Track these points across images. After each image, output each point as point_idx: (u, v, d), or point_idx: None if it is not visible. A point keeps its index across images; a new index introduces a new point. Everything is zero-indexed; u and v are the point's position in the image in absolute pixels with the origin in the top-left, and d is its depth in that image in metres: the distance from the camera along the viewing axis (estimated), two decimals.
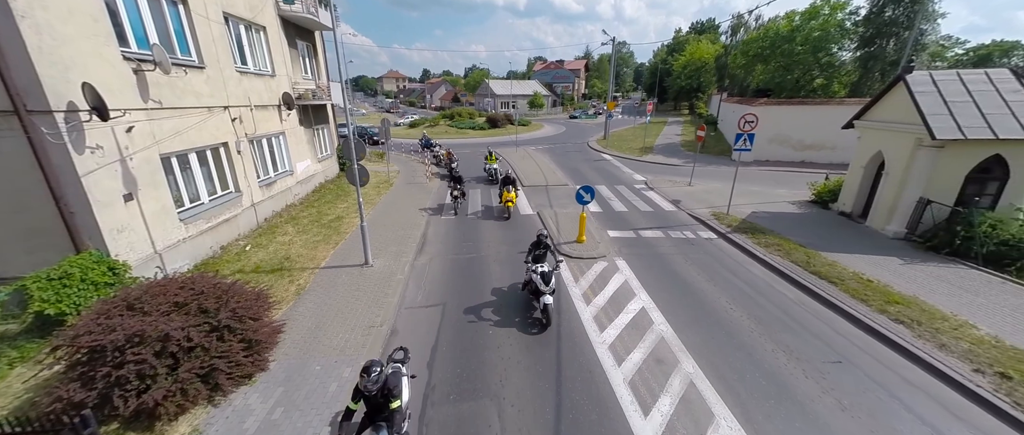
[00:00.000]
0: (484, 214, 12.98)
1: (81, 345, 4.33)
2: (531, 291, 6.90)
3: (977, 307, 6.93)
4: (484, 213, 13.12)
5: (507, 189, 12.58)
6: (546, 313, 6.46)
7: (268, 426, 4.65)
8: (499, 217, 12.57)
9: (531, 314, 6.96)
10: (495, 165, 17.73)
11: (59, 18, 6.24)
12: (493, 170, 17.49)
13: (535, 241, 7.34)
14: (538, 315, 6.73)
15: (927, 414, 4.85)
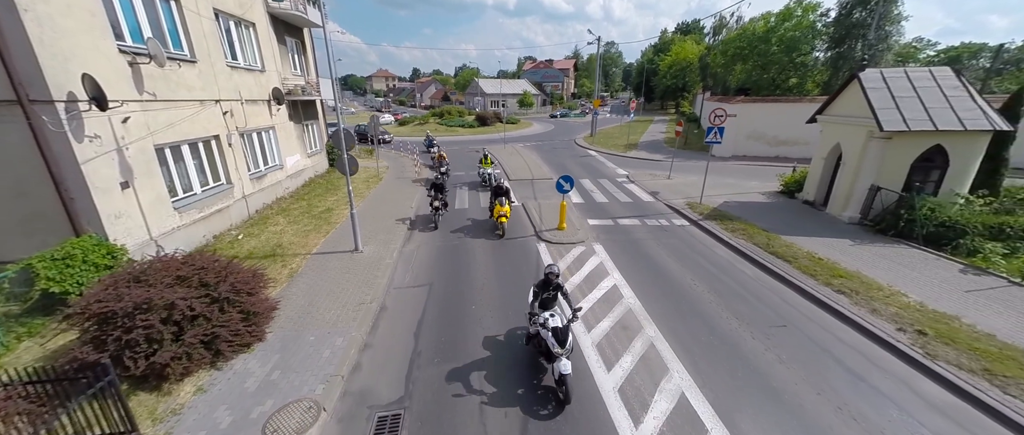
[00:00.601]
0: (472, 230, 11.14)
1: (94, 311, 4.73)
2: (539, 350, 5.31)
3: (911, 280, 7.72)
4: (472, 228, 11.24)
5: (499, 202, 10.67)
6: (564, 386, 4.64)
7: (267, 385, 5.11)
8: (490, 234, 10.73)
9: (539, 379, 5.28)
10: (490, 170, 15.92)
11: (59, 12, 6.57)
12: (487, 175, 15.79)
13: (543, 280, 5.44)
14: (551, 383, 5.08)
15: (853, 365, 5.55)
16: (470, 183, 16.80)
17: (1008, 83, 37.89)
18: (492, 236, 10.58)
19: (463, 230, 11.11)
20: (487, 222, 11.62)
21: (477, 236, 10.61)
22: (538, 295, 5.43)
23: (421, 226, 11.42)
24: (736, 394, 5.02)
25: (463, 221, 11.89)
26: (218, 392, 4.99)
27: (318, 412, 4.69)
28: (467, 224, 11.62)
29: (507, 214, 10.55)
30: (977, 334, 5.92)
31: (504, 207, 10.52)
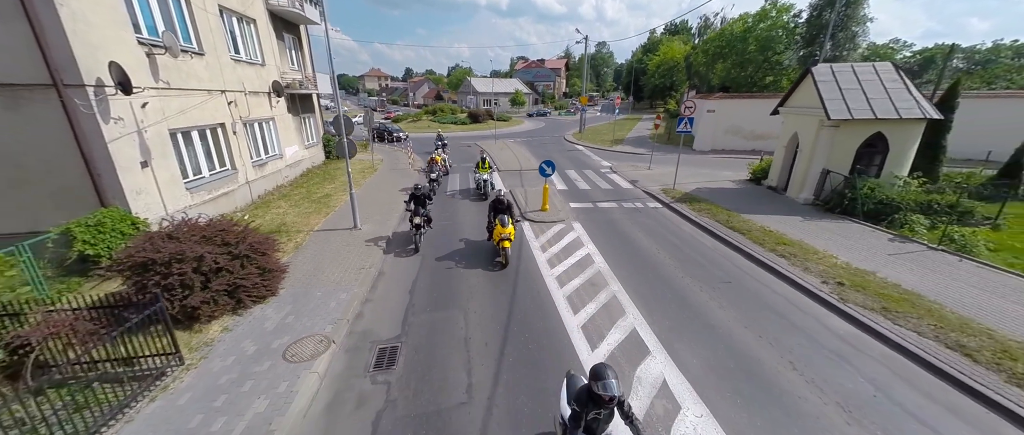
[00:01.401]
0: (464, 256, 8.66)
1: (136, 260, 5.57)
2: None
3: (845, 247, 8.83)
4: (465, 255, 8.76)
5: (500, 221, 8.20)
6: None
7: (283, 326, 5.99)
8: (487, 262, 8.34)
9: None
10: (487, 176, 13.65)
11: (88, 7, 7.35)
12: (483, 182, 13.53)
13: (585, 392, 3.35)
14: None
15: (779, 308, 6.60)
16: (463, 191, 14.65)
17: (973, 82, 39.81)
18: (490, 265, 8.19)
19: (453, 256, 8.73)
20: (484, 245, 9.15)
21: (471, 264, 8.23)
22: (581, 416, 3.07)
23: (398, 248, 9.26)
24: (678, 329, 6.02)
25: (453, 242, 9.56)
26: (242, 331, 5.86)
27: (328, 344, 5.58)
28: (459, 247, 9.27)
29: (511, 236, 8.07)
30: (886, 284, 7.02)
31: (507, 227, 8.06)
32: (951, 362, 5.04)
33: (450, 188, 15.02)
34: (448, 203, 13.01)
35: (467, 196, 13.88)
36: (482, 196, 13.42)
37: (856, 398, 4.65)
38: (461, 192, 14.48)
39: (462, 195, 14.04)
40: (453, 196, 13.94)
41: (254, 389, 4.72)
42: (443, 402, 4.63)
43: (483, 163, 14.12)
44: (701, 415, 4.41)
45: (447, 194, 14.13)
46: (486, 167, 14.00)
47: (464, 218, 11.46)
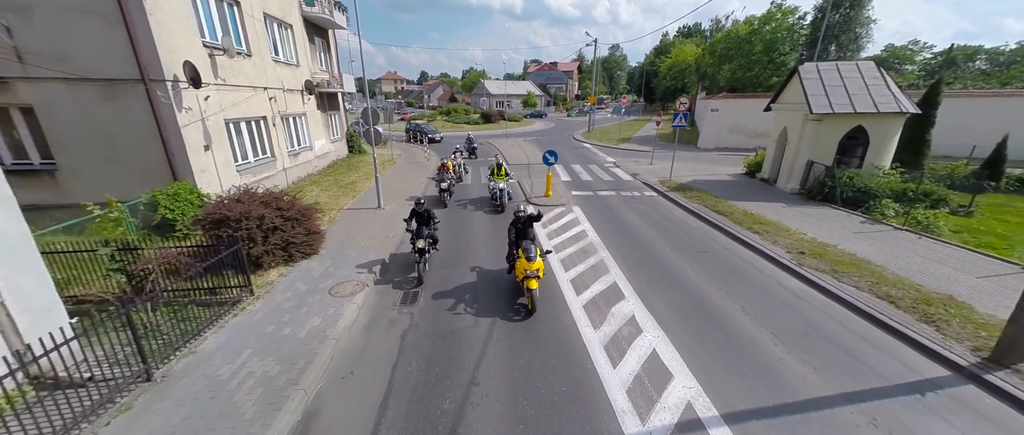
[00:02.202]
0: (477, 293, 6.83)
1: (214, 217, 7.02)
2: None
3: (818, 227, 9.75)
4: (478, 289, 6.96)
5: (524, 251, 6.15)
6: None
7: (326, 274, 7.35)
8: (506, 304, 6.44)
9: None
10: (503, 184, 11.74)
11: (169, 16, 8.94)
12: (499, 192, 11.57)
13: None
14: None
15: (744, 271, 7.63)
16: (478, 201, 12.82)
17: (990, 83, 39.19)
18: (509, 309, 6.22)
19: (461, 295, 6.70)
20: (502, 279, 7.17)
21: (486, 310, 6.23)
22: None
23: (396, 276, 7.50)
24: (652, 284, 7.14)
25: (464, 272, 7.58)
26: (294, 276, 7.25)
27: (363, 285, 6.91)
28: (470, 279, 7.31)
29: (539, 273, 6.02)
30: (842, 254, 7.98)
31: (533, 261, 5.98)
32: (877, 307, 6.03)
33: (462, 196, 13.43)
34: (459, 216, 11.30)
35: (482, 207, 12.19)
36: (498, 208, 11.72)
37: (789, 331, 5.70)
38: (475, 202, 12.78)
39: (475, 205, 12.40)
40: (465, 206, 12.29)
41: (309, 311, 6.06)
42: (455, 325, 5.88)
43: (499, 170, 12.20)
44: (658, 336, 5.54)
45: (457, 204, 12.52)
46: (503, 174, 12.12)
47: (477, 237, 9.55)
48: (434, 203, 11.97)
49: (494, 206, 11.94)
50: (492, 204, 12.09)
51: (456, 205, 12.37)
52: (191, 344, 5.25)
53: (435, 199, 12.62)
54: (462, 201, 12.87)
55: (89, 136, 8.97)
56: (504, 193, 11.75)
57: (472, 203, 12.67)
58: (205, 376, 4.68)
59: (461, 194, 13.82)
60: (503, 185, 11.81)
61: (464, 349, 5.31)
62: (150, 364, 4.60)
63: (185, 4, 9.43)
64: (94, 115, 8.84)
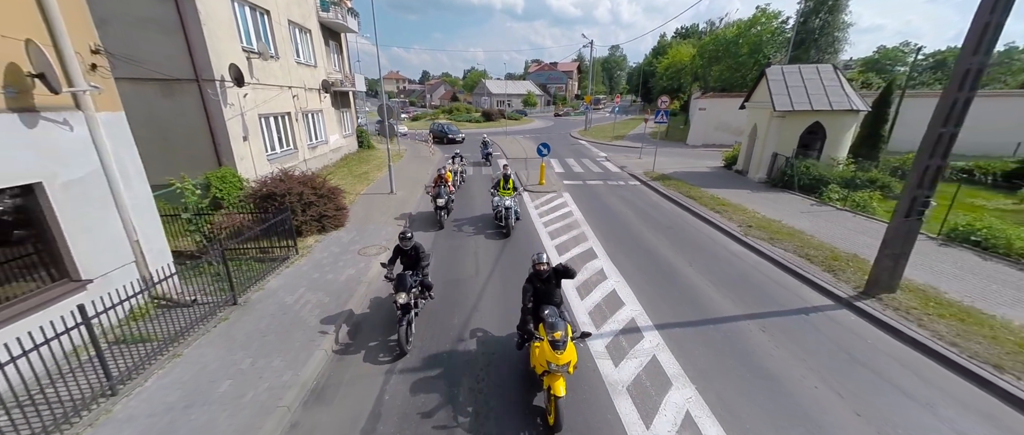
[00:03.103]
0: (474, 399, 4.46)
1: (263, 192, 8.61)
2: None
3: (772, 208, 11.28)
4: (475, 399, 4.47)
5: (549, 329, 3.99)
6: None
7: (353, 241, 8.93)
8: (520, 428, 4.09)
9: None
10: (510, 201, 9.54)
11: (217, 25, 10.52)
12: (505, 211, 9.43)
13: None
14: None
15: (699, 241, 9.17)
16: (478, 220, 10.63)
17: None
18: (519, 416, 4.22)
19: (451, 385, 4.65)
20: (511, 354, 5.11)
21: (486, 417, 4.22)
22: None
23: (377, 337, 5.62)
24: (620, 249, 8.68)
25: (458, 333, 5.67)
26: (327, 242, 8.83)
27: (383, 249, 8.48)
28: (467, 348, 5.33)
29: (570, 367, 3.97)
30: (783, 226, 9.53)
31: (562, 350, 3.87)
32: (794, 262, 7.59)
33: (462, 213, 11.32)
34: (456, 243, 9.02)
35: (484, 228, 10.00)
36: (503, 231, 9.43)
37: (724, 278, 7.25)
38: (476, 222, 10.47)
39: (476, 226, 10.15)
40: (462, 227, 10.13)
41: (344, 265, 7.64)
42: (460, 276, 7.44)
43: (506, 183, 9.82)
44: (618, 281, 7.10)
45: (455, 224, 10.38)
46: (510, 188, 9.78)
47: (478, 276, 7.39)
48: (429, 222, 10.37)
49: (498, 228, 9.71)
50: (496, 226, 9.86)
51: (453, 226, 10.25)
52: (258, 284, 6.83)
53: (429, 217, 10.62)
54: (460, 221, 10.67)
55: (148, 127, 10.48)
56: (511, 213, 9.45)
57: (472, 223, 10.54)
58: (275, 302, 6.26)
59: (461, 209, 11.73)
60: (509, 202, 9.47)
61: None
62: (235, 293, 6.18)
63: (229, 14, 11.02)
64: (154, 110, 10.42)
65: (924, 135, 5.69)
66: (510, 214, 9.50)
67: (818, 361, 4.98)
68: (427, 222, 10.49)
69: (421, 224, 10.41)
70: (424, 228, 10.09)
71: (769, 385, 4.59)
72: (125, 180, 5.49)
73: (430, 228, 10.07)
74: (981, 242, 7.99)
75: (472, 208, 11.99)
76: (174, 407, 4.12)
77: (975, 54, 5.25)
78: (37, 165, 4.51)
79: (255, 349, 5.09)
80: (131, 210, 5.54)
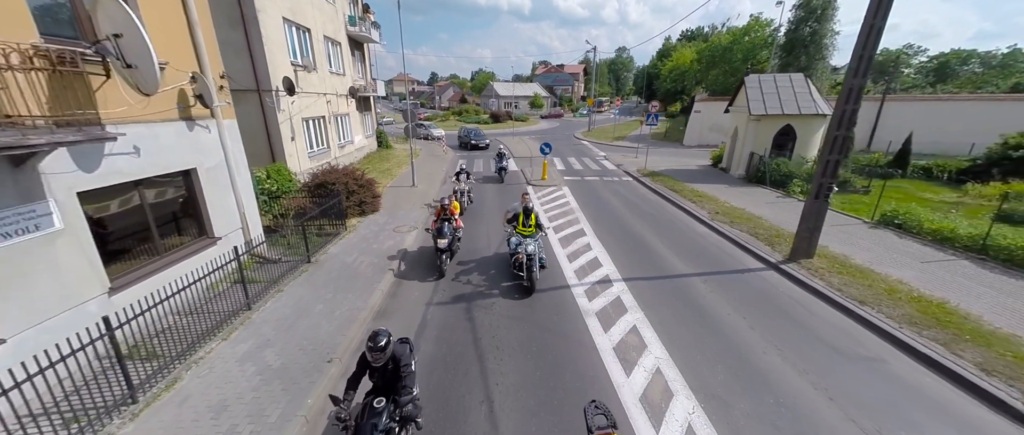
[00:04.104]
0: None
1: (317, 182, 10.70)
2: None
3: (742, 199, 13.07)
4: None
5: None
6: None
7: (387, 222, 10.97)
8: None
9: None
10: (533, 245, 7.14)
11: (274, 44, 12.67)
12: (527, 259, 6.97)
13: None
14: None
15: (674, 224, 11.04)
16: (490, 267, 8.23)
17: (961, 87, 41.42)
18: None
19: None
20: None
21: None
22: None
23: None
24: (608, 230, 10.58)
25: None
26: (367, 222, 10.89)
27: (413, 228, 10.51)
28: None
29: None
30: (745, 212, 11.34)
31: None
32: (743, 238, 9.42)
33: (468, 254, 8.87)
34: (458, 308, 6.67)
35: (497, 278, 7.63)
36: (525, 286, 7.00)
37: (684, 250, 9.12)
38: (485, 267, 8.20)
39: (487, 275, 7.82)
40: (468, 277, 7.74)
41: (384, 238, 9.68)
42: (478, 251, 9.39)
43: (527, 217, 7.55)
44: (600, 251, 9.02)
45: (459, 270, 8.04)
46: (531, 225, 7.52)
47: (492, 375, 5.06)
48: (426, 267, 8.05)
49: (516, 280, 7.26)
50: (514, 277, 7.34)
51: (458, 272, 7.92)
52: (322, 250, 8.89)
53: (427, 260, 8.37)
54: (466, 264, 8.26)
55: None
56: (534, 261, 6.93)
57: (482, 268, 8.12)
58: (338, 262, 8.31)
59: (469, 243, 9.30)
60: (533, 247, 7.02)
61: None
62: (310, 254, 8.24)
63: (282, 35, 13.19)
64: None
65: (826, 136, 7.51)
66: (533, 263, 6.84)
67: (740, 302, 6.85)
68: (424, 266, 8.14)
69: (417, 268, 8.04)
70: (420, 275, 7.82)
71: (698, 315, 6.47)
72: (237, 169, 7.58)
73: (428, 275, 7.75)
74: (901, 225, 9.74)
75: (482, 242, 9.57)
76: (289, 317, 6.16)
77: (855, 76, 7.05)
78: (192, 157, 6.60)
79: (333, 289, 7.13)
80: (240, 191, 7.63)
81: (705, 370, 5.14)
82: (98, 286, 5.04)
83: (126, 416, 4.20)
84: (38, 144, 3.87)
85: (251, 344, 5.48)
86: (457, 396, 4.71)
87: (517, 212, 7.77)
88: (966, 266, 7.85)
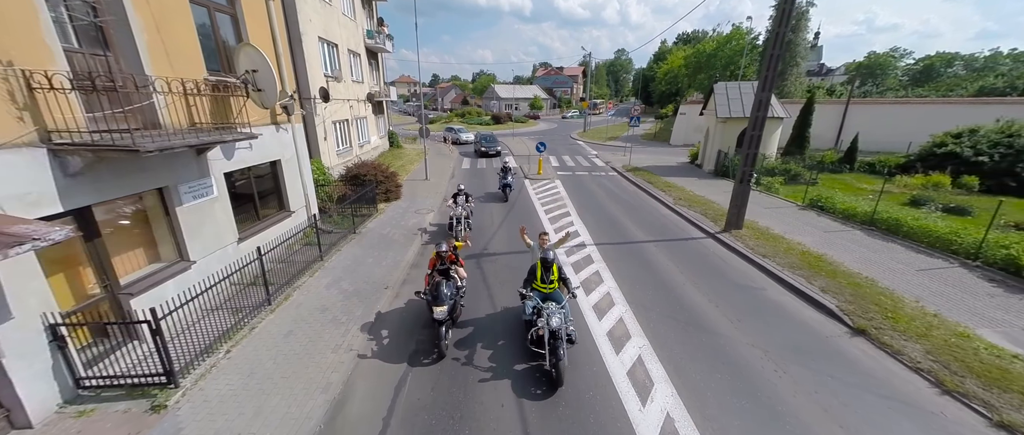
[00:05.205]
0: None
1: (351, 174, 13.19)
2: None
3: (705, 189, 15.49)
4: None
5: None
6: None
7: (409, 206, 13.43)
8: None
9: None
10: (558, 316, 5.09)
11: (313, 59, 15.17)
12: (549, 332, 5.02)
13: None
14: None
15: (644, 209, 13.47)
16: (500, 335, 6.28)
17: (929, 91, 43.65)
18: None
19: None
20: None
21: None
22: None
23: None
24: (589, 212, 13.01)
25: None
26: (392, 207, 13.36)
27: (431, 210, 12.97)
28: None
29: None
30: (703, 199, 13.77)
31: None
32: (695, 217, 11.85)
33: (472, 313, 6.81)
34: (442, 420, 4.68)
35: (506, 361, 5.64)
36: (550, 373, 5.06)
37: (646, 225, 11.55)
38: (494, 335, 6.27)
39: (497, 349, 5.92)
40: (470, 356, 5.76)
41: (409, 217, 12.14)
42: (486, 231, 11.83)
43: (547, 273, 5.64)
44: (581, 226, 11.46)
45: (459, 346, 5.98)
46: (552, 281, 5.65)
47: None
48: (422, 347, 5.91)
49: (533, 358, 5.46)
50: (532, 355, 5.46)
51: (459, 349, 5.91)
52: (362, 225, 11.35)
53: (425, 341, 6.05)
54: (464, 329, 6.43)
55: None
56: (561, 340, 5.05)
57: (485, 335, 6.26)
58: (376, 233, 10.77)
59: (469, 308, 6.91)
60: (558, 321, 5.09)
61: None
62: (355, 227, 10.70)
63: (317, 52, 15.70)
64: None
65: (745, 136, 9.94)
66: (559, 342, 5.02)
67: (678, 258, 9.26)
68: (414, 344, 6.02)
69: (395, 347, 5.91)
70: (394, 348, 5.91)
71: (645, 265, 8.89)
72: (302, 161, 10.05)
73: (418, 360, 5.65)
74: (822, 206, 12.15)
75: (483, 289, 7.67)
76: (351, 265, 8.62)
77: (763, 91, 9.47)
78: (279, 151, 9.06)
79: (377, 249, 9.59)
80: (305, 177, 10.10)
81: (639, 293, 7.58)
82: (232, 236, 7.51)
83: (265, 312, 6.66)
84: (220, 141, 6.33)
85: (330, 279, 7.95)
86: None
87: (535, 265, 5.71)
88: (858, 234, 10.27)
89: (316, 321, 6.48)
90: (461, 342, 6.16)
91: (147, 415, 4.51)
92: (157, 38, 5.86)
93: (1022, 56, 57.87)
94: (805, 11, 26.02)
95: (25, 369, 4.24)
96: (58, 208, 4.59)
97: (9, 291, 4.08)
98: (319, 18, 15.81)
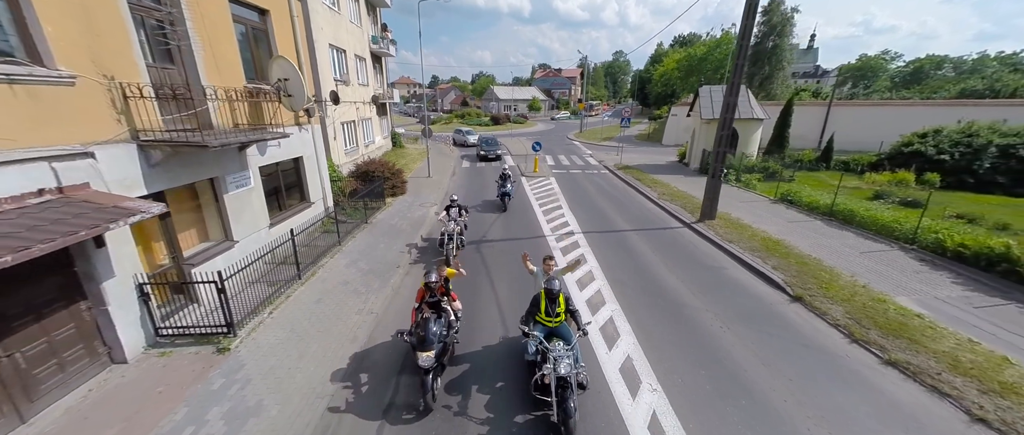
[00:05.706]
0: None
1: (360, 171, 14.36)
2: None
3: (688, 185, 16.68)
4: None
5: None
6: None
7: (414, 201, 14.61)
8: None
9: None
10: (566, 357, 4.40)
11: (325, 64, 16.35)
12: (559, 391, 4.30)
13: None
14: None
15: (630, 203, 14.65)
16: (498, 376, 5.42)
17: (916, 92, 45.00)
18: None
19: None
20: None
21: None
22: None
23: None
24: (579, 205, 14.19)
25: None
26: (399, 202, 14.53)
27: (432, 205, 14.15)
28: None
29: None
30: (684, 194, 14.96)
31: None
32: (675, 209, 13.04)
33: (468, 346, 6.05)
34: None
35: (506, 412, 4.83)
36: (554, 424, 4.29)
37: (631, 216, 12.73)
38: (487, 375, 5.48)
39: (492, 394, 5.15)
40: (464, 407, 4.92)
41: (414, 211, 13.32)
42: (485, 225, 12.99)
43: (553, 305, 4.96)
44: (570, 218, 12.64)
45: (451, 394, 5.14)
46: (558, 314, 4.98)
47: None
48: (403, 398, 5.06)
49: (537, 406, 4.71)
50: (535, 403, 4.69)
51: (450, 400, 5.04)
52: (373, 217, 12.52)
53: (408, 388, 5.22)
54: (457, 367, 5.63)
55: None
56: (572, 387, 4.38)
57: (481, 377, 5.45)
58: (386, 223, 11.94)
59: (463, 340, 6.07)
60: (566, 366, 4.41)
61: None
62: (367, 217, 11.87)
63: (328, 58, 16.89)
64: None
65: (715, 136, 11.14)
66: (570, 395, 4.33)
67: (655, 245, 10.44)
68: (399, 395, 5.17)
69: (374, 392, 5.17)
70: (369, 402, 5.01)
71: (626, 250, 10.07)
72: (320, 158, 11.22)
73: (399, 414, 4.83)
74: (791, 200, 13.35)
75: (479, 317, 6.86)
76: (366, 250, 9.79)
77: (730, 95, 10.67)
78: (301, 149, 10.23)
79: (388, 237, 10.76)
80: (322, 172, 11.27)
81: (618, 273, 8.75)
82: (265, 221, 8.68)
83: (296, 285, 7.83)
84: (262, 139, 7.50)
85: (348, 259, 9.12)
86: None
87: (538, 294, 5.12)
88: (818, 224, 11.47)
89: (340, 292, 7.66)
90: (453, 385, 5.22)
91: (215, 355, 5.68)
92: (210, 54, 7.04)
93: (1008, 59, 59.36)
94: (790, 17, 27.28)
95: (123, 317, 5.41)
96: (144, 191, 5.76)
97: (112, 255, 5.24)
98: (329, 26, 17.00)
